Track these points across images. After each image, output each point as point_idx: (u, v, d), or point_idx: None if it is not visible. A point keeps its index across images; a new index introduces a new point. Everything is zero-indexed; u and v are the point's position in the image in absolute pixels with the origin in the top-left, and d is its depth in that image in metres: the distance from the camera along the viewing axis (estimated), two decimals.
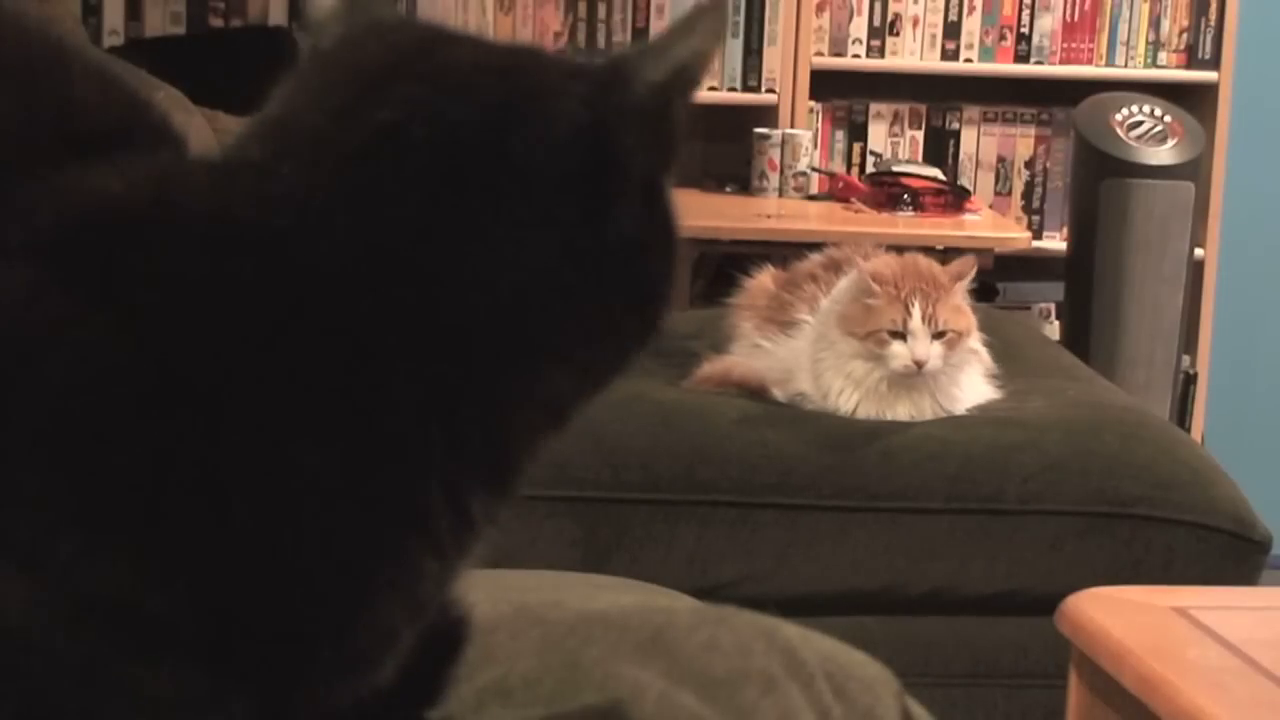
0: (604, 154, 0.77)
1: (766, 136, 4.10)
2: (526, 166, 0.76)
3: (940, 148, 4.31)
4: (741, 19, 4.22)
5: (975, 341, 2.66)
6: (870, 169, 4.26)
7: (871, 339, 2.56)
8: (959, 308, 2.61)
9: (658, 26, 4.21)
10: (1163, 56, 4.30)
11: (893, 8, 4.26)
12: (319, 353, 0.74)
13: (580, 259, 0.77)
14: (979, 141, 4.33)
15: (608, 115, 0.78)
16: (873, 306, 2.56)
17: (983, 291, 3.32)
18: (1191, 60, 4.29)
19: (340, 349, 0.74)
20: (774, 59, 4.21)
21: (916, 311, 2.54)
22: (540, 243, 0.76)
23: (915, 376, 2.57)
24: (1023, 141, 4.34)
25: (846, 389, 2.61)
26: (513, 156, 0.76)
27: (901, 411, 2.61)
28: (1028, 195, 4.35)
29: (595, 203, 0.77)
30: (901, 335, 2.55)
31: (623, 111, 0.78)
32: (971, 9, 4.26)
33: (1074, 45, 4.30)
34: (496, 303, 0.76)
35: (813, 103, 4.24)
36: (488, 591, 0.93)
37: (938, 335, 2.56)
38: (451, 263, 0.75)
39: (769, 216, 3.91)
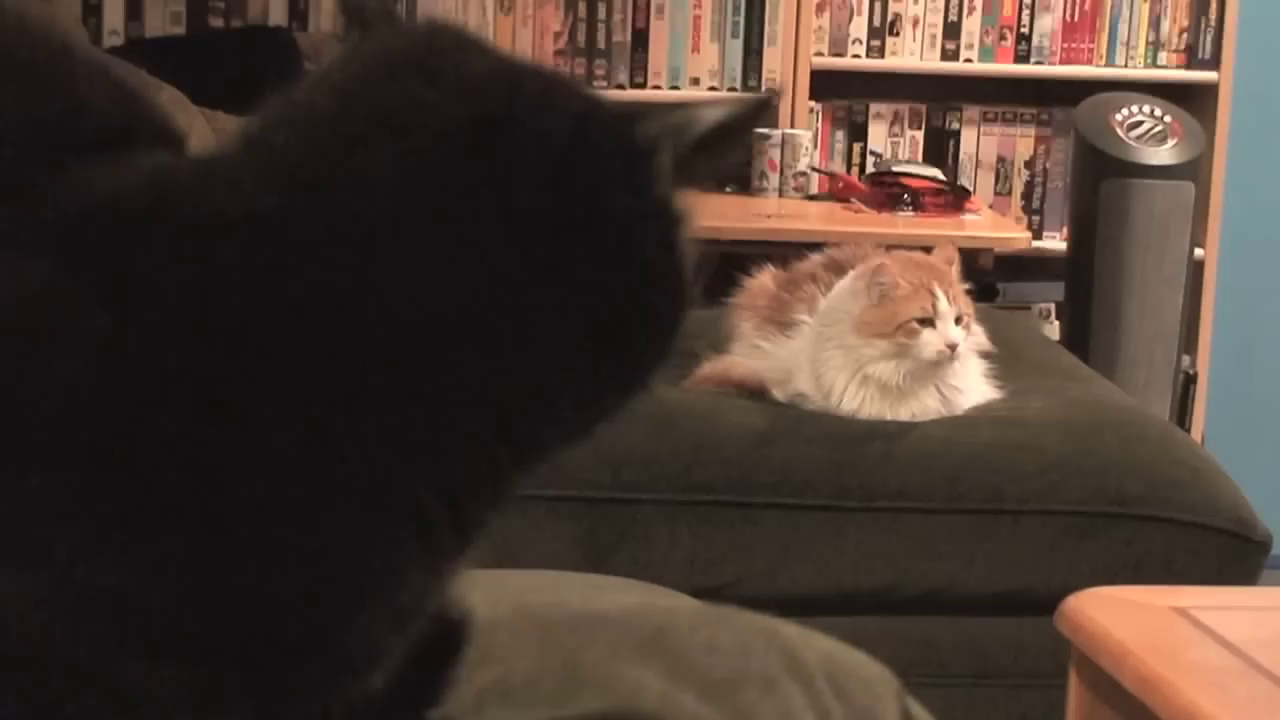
0: (579, 178, 0.77)
1: (766, 136, 4.10)
2: (506, 176, 0.76)
3: (940, 148, 4.32)
4: (741, 19, 4.23)
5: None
6: (870, 169, 4.26)
7: (901, 332, 2.55)
8: (964, 293, 2.62)
9: (658, 27, 4.22)
10: (1163, 56, 4.30)
11: (893, 8, 4.26)
12: (304, 350, 0.74)
13: (552, 280, 0.77)
14: (979, 141, 4.33)
15: (588, 138, 0.78)
16: (896, 299, 2.55)
17: (983, 291, 3.32)
18: (1191, 60, 4.29)
19: (324, 347, 0.74)
20: (774, 59, 4.21)
21: (942, 295, 2.55)
22: (511, 254, 0.76)
23: (945, 363, 2.57)
24: (1023, 141, 4.34)
25: (851, 388, 2.61)
26: (493, 164, 0.76)
27: (904, 411, 2.61)
28: (1028, 195, 4.35)
29: (567, 223, 0.77)
30: (930, 323, 2.55)
31: (601, 137, 0.78)
32: (971, 9, 4.26)
33: (1074, 45, 4.30)
34: (464, 309, 0.75)
35: (813, 103, 4.24)
36: (488, 591, 0.93)
37: (957, 320, 2.57)
38: (427, 260, 0.75)
39: (769, 216, 3.92)
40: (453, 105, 0.77)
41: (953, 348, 2.56)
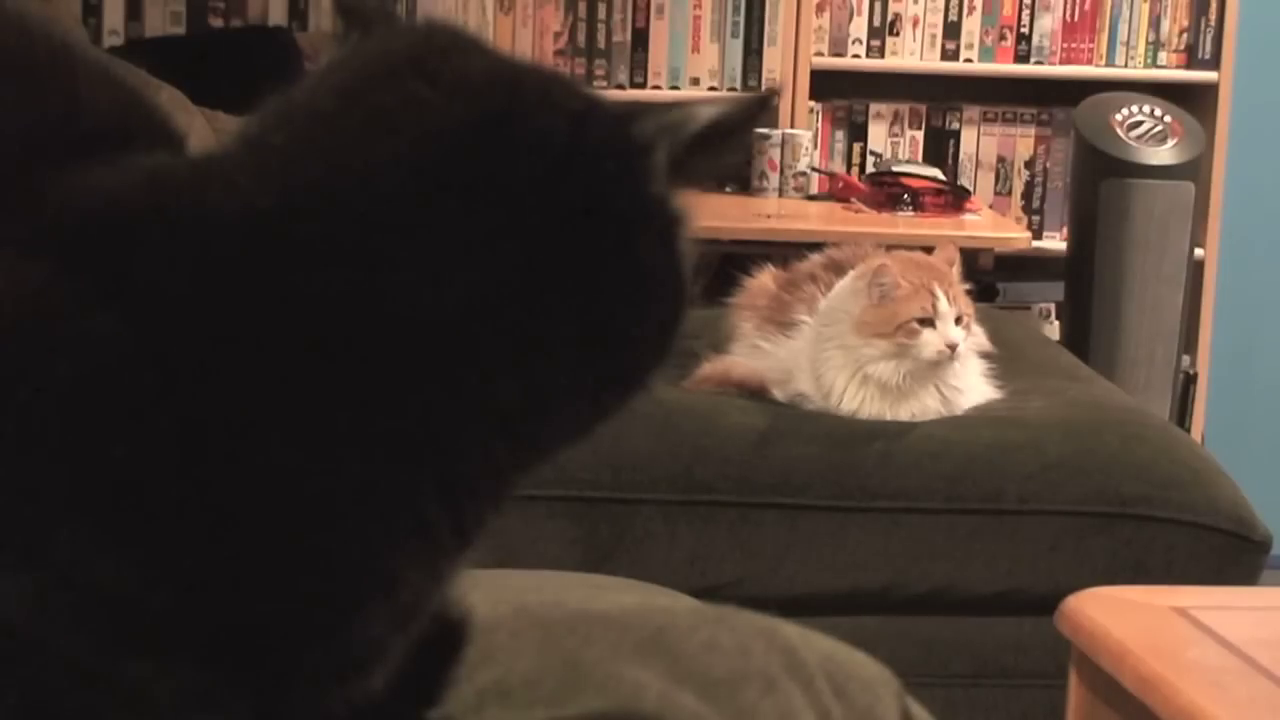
0: (577, 177, 0.77)
1: (766, 136, 4.10)
2: (504, 174, 0.76)
3: (940, 148, 4.32)
4: (741, 19, 4.23)
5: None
6: (870, 169, 4.26)
7: (901, 332, 2.56)
8: (964, 293, 2.62)
9: (658, 27, 4.22)
10: (1163, 56, 4.30)
11: (893, 8, 4.26)
12: (303, 350, 0.74)
13: (551, 279, 0.76)
14: (979, 141, 4.33)
15: (586, 136, 0.77)
16: (896, 299, 2.56)
17: (983, 291, 3.32)
18: (1191, 60, 4.29)
19: (323, 347, 0.74)
20: (774, 59, 4.21)
21: (942, 295, 2.55)
22: (509, 253, 0.76)
23: (945, 363, 2.58)
24: (1023, 141, 4.34)
25: (850, 388, 2.61)
26: (492, 163, 0.76)
27: (904, 412, 2.61)
28: (1028, 195, 4.35)
29: (565, 222, 0.77)
30: (930, 323, 2.55)
31: (599, 135, 0.78)
32: (971, 9, 4.26)
33: (1074, 45, 4.30)
34: (463, 308, 0.75)
35: (813, 103, 4.24)
36: (488, 591, 0.93)
37: (956, 320, 2.57)
38: (425, 259, 0.75)
39: (769, 216, 3.92)
40: (452, 105, 0.77)
41: (953, 348, 2.56)
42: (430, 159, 0.76)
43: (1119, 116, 3.92)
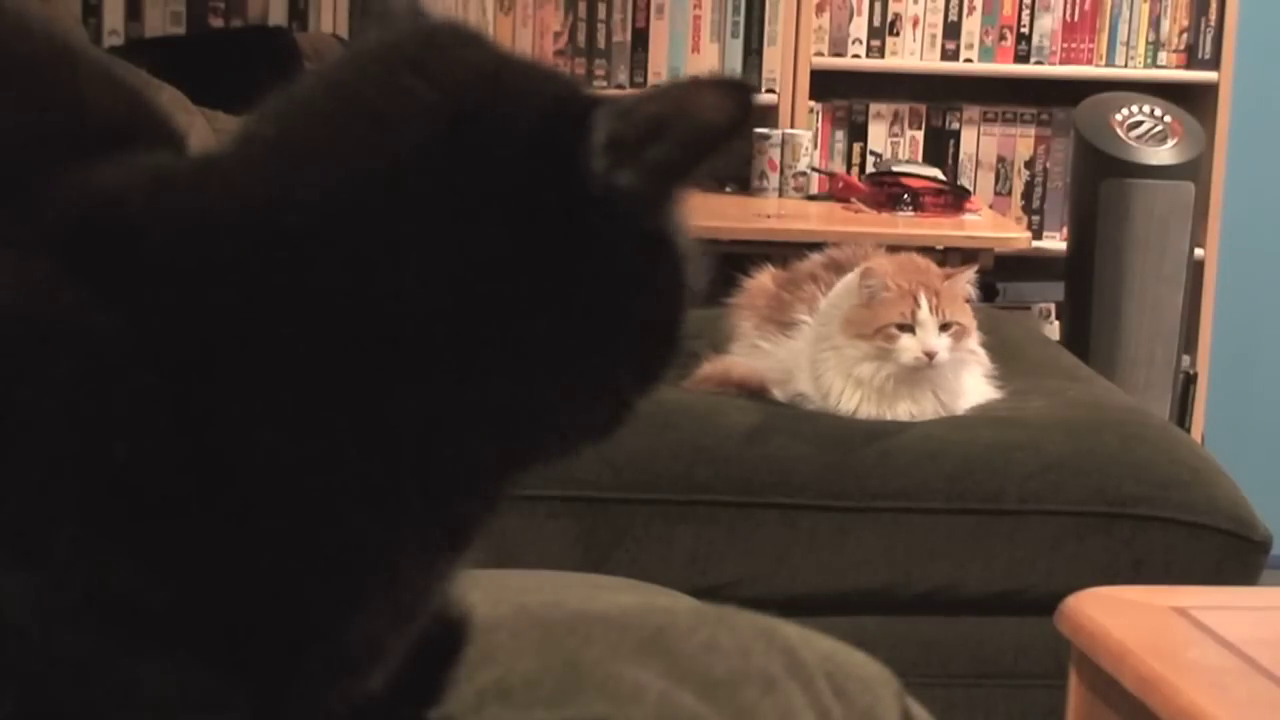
0: (543, 163, 0.77)
1: (766, 136, 4.10)
2: (482, 167, 0.76)
3: (940, 148, 4.32)
4: (741, 19, 4.23)
5: (974, 343, 2.66)
6: (870, 169, 4.26)
7: (880, 335, 2.56)
8: (961, 302, 2.62)
9: (658, 27, 4.22)
10: (1163, 56, 4.31)
11: (893, 8, 4.26)
12: (298, 348, 0.74)
13: (531, 270, 0.76)
14: (979, 141, 4.33)
15: (553, 125, 0.77)
16: (880, 301, 2.56)
17: (983, 291, 3.32)
18: (1191, 60, 4.29)
19: (320, 345, 0.74)
20: (774, 59, 4.21)
21: (924, 303, 2.55)
22: (489, 247, 0.76)
23: (924, 370, 2.57)
24: (1023, 141, 4.34)
25: (848, 389, 2.61)
26: (472, 156, 0.76)
27: (902, 411, 2.61)
28: (1028, 195, 4.35)
29: (537, 209, 0.77)
30: (910, 329, 2.56)
31: (566, 123, 0.77)
32: (971, 9, 4.26)
33: (1074, 45, 4.30)
34: (454, 304, 0.75)
35: (813, 103, 4.24)
36: (488, 591, 0.93)
37: (944, 328, 2.57)
38: (409, 254, 0.75)
39: (769, 216, 3.92)
40: (435, 96, 0.78)
41: (930, 355, 2.56)
42: (418, 154, 0.76)
43: (1119, 116, 3.92)
